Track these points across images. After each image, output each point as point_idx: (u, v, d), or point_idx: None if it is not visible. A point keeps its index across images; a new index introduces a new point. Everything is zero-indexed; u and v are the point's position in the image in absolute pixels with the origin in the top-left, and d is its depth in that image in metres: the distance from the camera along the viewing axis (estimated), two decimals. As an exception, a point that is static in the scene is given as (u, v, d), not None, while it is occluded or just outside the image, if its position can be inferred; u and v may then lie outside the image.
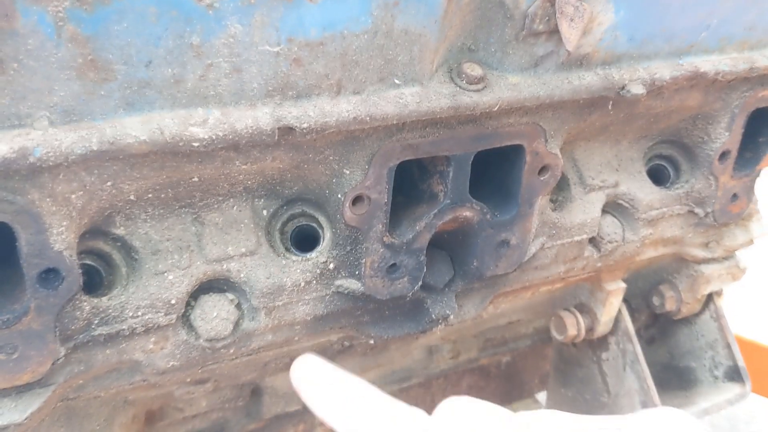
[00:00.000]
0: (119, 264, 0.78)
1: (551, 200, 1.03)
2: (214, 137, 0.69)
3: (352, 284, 0.88)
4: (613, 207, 1.09)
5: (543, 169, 0.91)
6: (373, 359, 1.29)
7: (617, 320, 1.30)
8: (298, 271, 0.85)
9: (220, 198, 0.81)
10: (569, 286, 1.25)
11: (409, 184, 0.90)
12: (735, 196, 1.15)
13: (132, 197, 0.75)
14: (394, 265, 0.88)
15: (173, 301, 0.79)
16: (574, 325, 1.27)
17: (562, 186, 1.03)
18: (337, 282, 0.88)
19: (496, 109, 0.81)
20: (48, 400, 0.76)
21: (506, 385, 1.65)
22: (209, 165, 0.75)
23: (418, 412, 0.58)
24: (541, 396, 1.79)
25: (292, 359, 1.01)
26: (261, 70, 0.70)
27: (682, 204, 1.13)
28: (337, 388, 0.62)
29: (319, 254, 0.86)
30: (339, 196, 0.81)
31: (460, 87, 0.80)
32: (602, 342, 1.35)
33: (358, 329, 0.95)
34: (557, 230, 1.02)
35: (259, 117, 0.71)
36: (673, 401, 1.38)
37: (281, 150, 0.77)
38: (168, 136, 0.68)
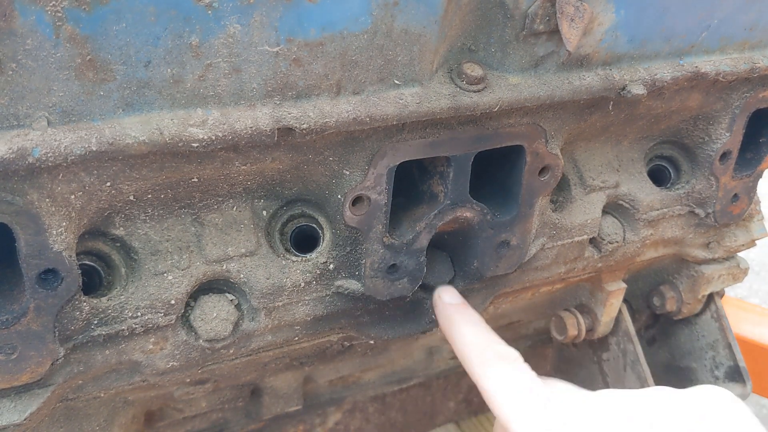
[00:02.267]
0: (118, 264, 0.78)
1: (552, 201, 1.03)
2: (213, 138, 0.69)
3: (352, 285, 0.88)
4: (613, 207, 1.09)
5: (543, 170, 0.91)
6: (373, 359, 1.29)
7: (618, 321, 1.29)
8: (298, 271, 0.85)
9: (220, 198, 0.81)
10: (569, 287, 1.25)
11: (409, 184, 0.90)
12: (736, 196, 1.15)
13: (131, 198, 0.75)
14: (394, 265, 0.87)
15: (173, 302, 0.79)
16: (574, 326, 1.27)
17: (562, 186, 1.03)
18: (337, 282, 0.88)
19: (496, 109, 0.81)
20: (47, 400, 0.76)
21: (506, 385, 1.65)
22: (209, 165, 0.75)
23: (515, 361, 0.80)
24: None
25: (291, 360, 1.02)
26: (260, 71, 0.70)
27: (683, 204, 1.13)
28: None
29: (319, 255, 0.86)
30: (339, 196, 0.81)
31: (460, 87, 0.80)
32: (603, 342, 1.35)
33: (358, 330, 0.95)
34: (558, 231, 1.02)
35: (259, 117, 0.71)
36: (673, 402, 1.38)
37: (281, 151, 0.77)
38: (167, 136, 0.68)
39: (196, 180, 0.77)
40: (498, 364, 0.78)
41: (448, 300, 0.90)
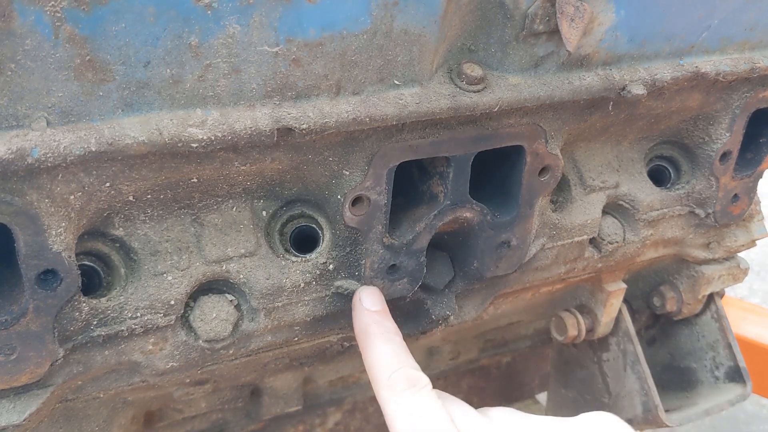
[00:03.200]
0: (118, 265, 0.78)
1: (552, 201, 1.03)
2: (212, 138, 0.69)
3: (352, 285, 0.87)
4: (613, 208, 1.09)
5: (543, 170, 0.91)
6: (373, 360, 1.29)
7: (618, 321, 1.29)
8: (298, 272, 0.85)
9: (220, 199, 0.81)
10: (569, 287, 1.25)
11: (409, 185, 0.90)
12: (736, 197, 1.14)
13: (131, 198, 0.75)
14: (393, 266, 0.87)
15: (172, 302, 0.79)
16: (574, 326, 1.27)
17: (562, 187, 1.03)
18: (337, 283, 0.88)
19: (496, 109, 0.81)
20: (46, 401, 0.76)
21: (506, 385, 1.65)
22: (208, 166, 0.75)
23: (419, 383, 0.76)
24: (542, 396, 1.79)
25: (291, 360, 1.02)
26: (260, 71, 0.70)
27: (683, 205, 1.13)
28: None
29: (319, 255, 0.86)
30: (338, 197, 0.81)
31: (459, 88, 0.80)
32: (603, 343, 1.35)
33: (358, 330, 0.95)
34: (558, 231, 1.02)
35: (258, 118, 0.71)
36: (673, 402, 1.38)
37: (280, 151, 0.77)
38: (167, 136, 0.67)
39: (195, 180, 0.77)
40: (405, 392, 0.75)
41: (367, 305, 0.84)
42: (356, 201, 0.81)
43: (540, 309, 1.34)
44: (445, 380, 1.53)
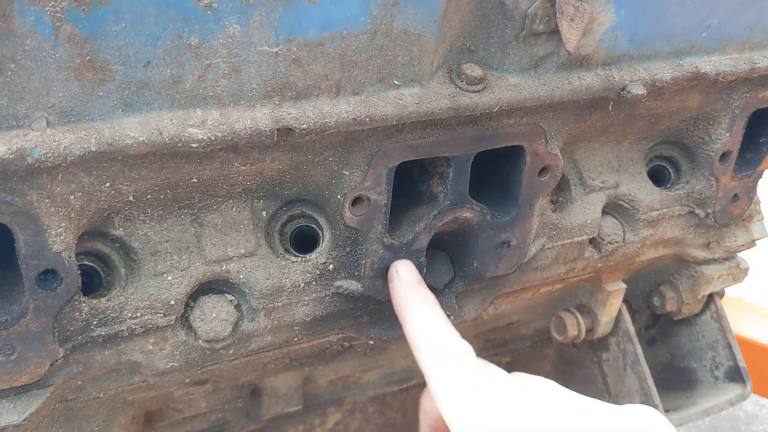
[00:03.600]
0: (118, 265, 0.78)
1: (551, 201, 1.03)
2: (212, 138, 0.69)
3: (352, 285, 0.87)
4: (613, 208, 1.09)
5: (543, 170, 0.91)
6: (373, 360, 1.29)
7: (618, 321, 1.29)
8: (298, 272, 0.85)
9: (220, 199, 0.81)
10: (569, 287, 1.25)
11: (409, 185, 0.90)
12: (736, 197, 1.15)
13: (131, 198, 0.75)
14: (393, 266, 0.87)
15: (172, 302, 0.79)
16: (574, 326, 1.27)
17: (562, 187, 1.03)
18: (337, 283, 0.88)
19: (496, 109, 0.81)
20: (46, 401, 0.76)
21: (506, 385, 1.65)
22: (208, 166, 0.75)
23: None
24: (542, 396, 1.79)
25: (291, 360, 1.02)
26: (260, 71, 0.70)
27: (683, 205, 1.13)
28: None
29: (319, 255, 0.86)
30: (338, 197, 0.81)
31: (459, 88, 0.80)
32: (603, 342, 1.35)
33: (358, 330, 0.95)
34: (557, 231, 1.02)
35: (258, 118, 0.71)
36: (673, 402, 1.38)
37: (280, 151, 0.77)
38: (167, 137, 0.67)
39: (195, 180, 0.77)
40: (449, 360, 0.75)
41: (405, 277, 0.85)
42: (356, 201, 0.81)
43: (540, 309, 1.34)
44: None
